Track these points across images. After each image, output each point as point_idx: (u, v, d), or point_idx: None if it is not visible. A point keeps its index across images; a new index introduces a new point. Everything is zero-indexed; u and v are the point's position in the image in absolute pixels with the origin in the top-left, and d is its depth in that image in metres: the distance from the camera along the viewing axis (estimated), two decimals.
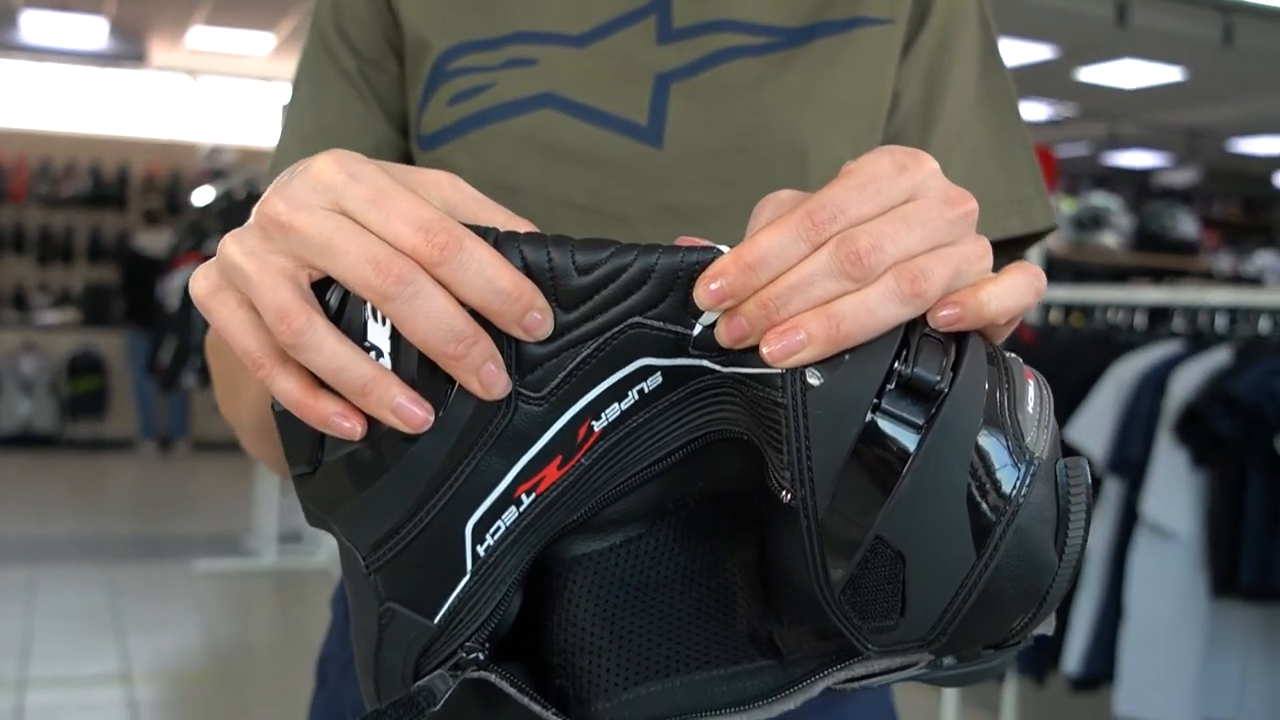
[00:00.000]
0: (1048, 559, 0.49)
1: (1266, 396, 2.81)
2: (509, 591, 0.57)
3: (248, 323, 0.54)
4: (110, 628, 5.06)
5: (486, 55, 0.83)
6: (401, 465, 0.53)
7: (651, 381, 0.54)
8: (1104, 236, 6.47)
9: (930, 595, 0.49)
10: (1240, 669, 3.13)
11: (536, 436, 0.54)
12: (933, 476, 0.48)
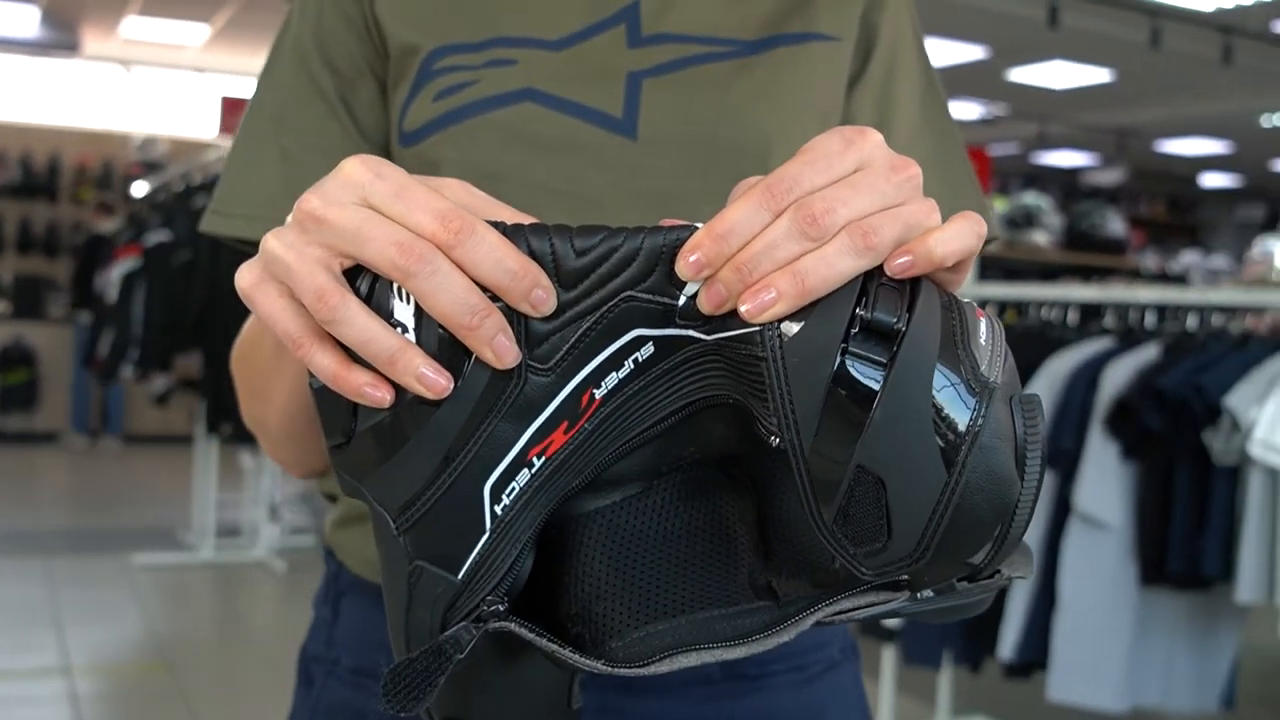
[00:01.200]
0: (1010, 474, 0.55)
1: (1193, 392, 2.91)
2: (524, 549, 0.62)
3: (288, 308, 0.59)
4: (49, 620, 5.04)
5: (469, 56, 0.88)
6: (424, 431, 0.59)
7: (645, 351, 0.60)
8: (1035, 235, 6.59)
9: (911, 514, 0.55)
10: (1167, 655, 3.24)
11: (545, 404, 0.60)
12: (900, 406, 0.54)
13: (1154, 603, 3.17)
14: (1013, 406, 0.55)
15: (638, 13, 0.90)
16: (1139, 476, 3.10)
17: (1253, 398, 2.84)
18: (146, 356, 5.94)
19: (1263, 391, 2.84)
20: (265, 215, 0.90)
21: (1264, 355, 2.99)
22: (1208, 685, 3.30)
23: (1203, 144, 14.66)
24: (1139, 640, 3.18)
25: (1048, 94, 12.09)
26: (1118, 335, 3.35)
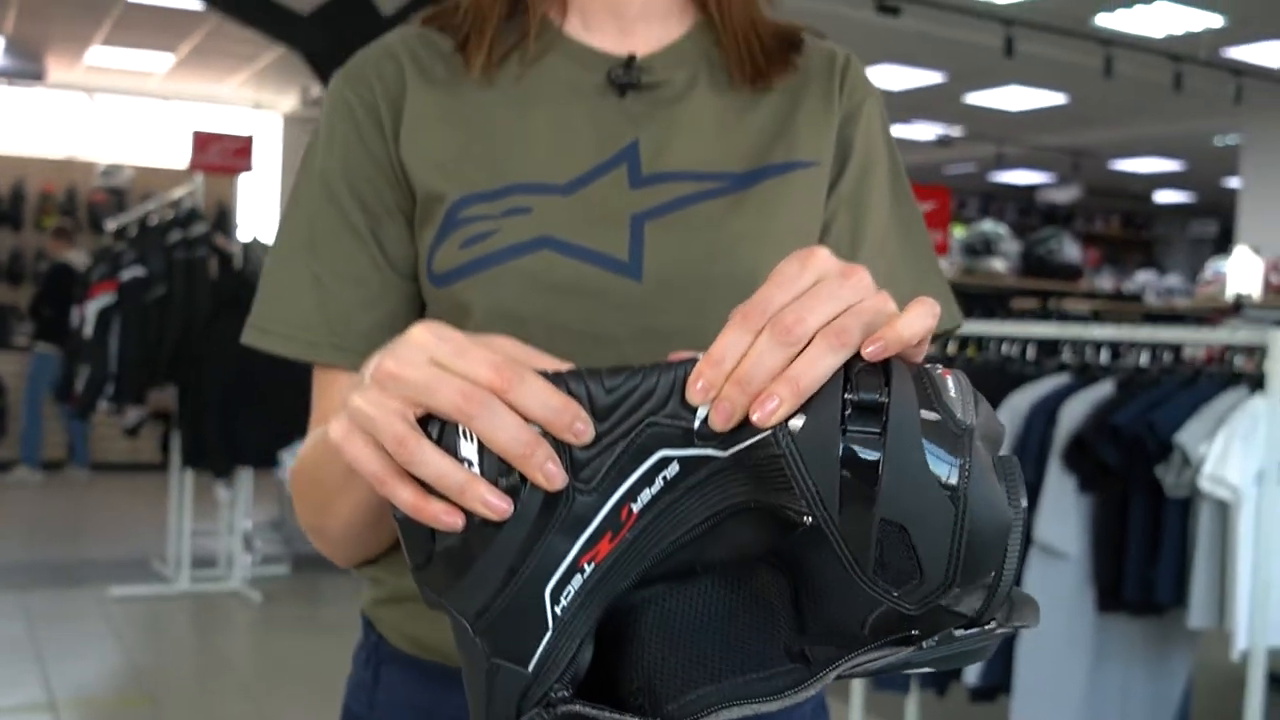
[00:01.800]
0: (1002, 499, 0.67)
1: (1146, 428, 3.05)
2: (584, 641, 0.74)
3: (374, 455, 0.71)
4: (31, 655, 5.10)
5: (490, 205, 0.99)
6: (492, 549, 0.71)
7: (671, 469, 0.72)
8: (993, 261, 6.75)
9: (934, 548, 0.66)
10: (1124, 678, 3.37)
11: (591, 519, 0.72)
12: (901, 463, 0.66)
13: (1110, 629, 3.31)
14: (993, 446, 0.69)
15: (637, 152, 1.01)
16: (1095, 508, 3.24)
17: (1202, 434, 2.98)
18: (122, 391, 6.01)
19: (1211, 428, 2.98)
20: (300, 336, 1.01)
21: (1213, 393, 3.13)
22: (1163, 707, 3.44)
23: (1156, 163, 14.90)
24: (1097, 664, 3.32)
25: (1004, 115, 12.30)
26: (1075, 371, 3.50)
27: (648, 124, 1.03)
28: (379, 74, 1.04)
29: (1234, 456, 2.92)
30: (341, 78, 1.06)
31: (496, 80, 1.04)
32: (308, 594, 6.53)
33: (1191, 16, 8.52)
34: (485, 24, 1.04)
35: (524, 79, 1.04)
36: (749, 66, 1.06)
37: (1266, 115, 10.49)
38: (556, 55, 1.05)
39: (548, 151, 1.01)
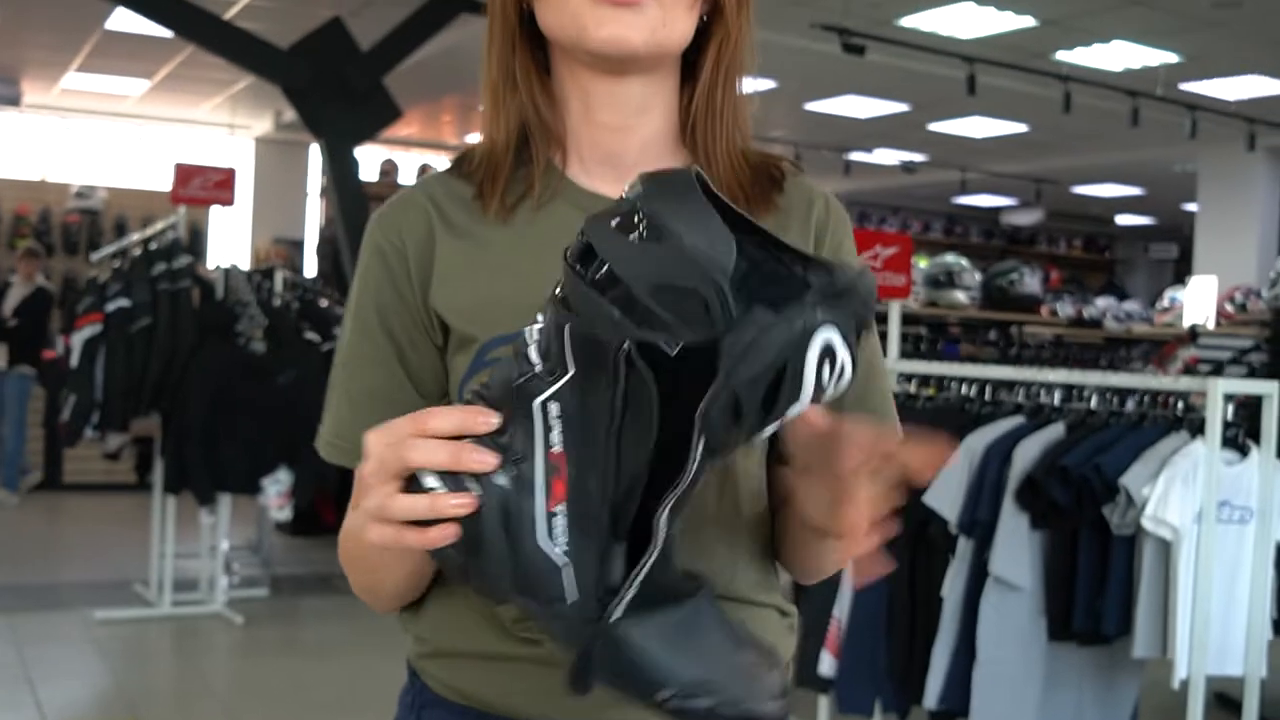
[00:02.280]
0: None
1: (1093, 470, 3.26)
2: (605, 560, 0.93)
3: (385, 529, 0.95)
4: (22, 678, 5.23)
5: (510, 347, 1.17)
6: (485, 535, 0.92)
7: (553, 407, 0.92)
8: (955, 293, 6.98)
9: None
10: (1075, 703, 3.58)
11: (534, 477, 0.92)
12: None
13: (1062, 656, 3.51)
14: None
15: None
16: (1047, 544, 3.45)
17: (1145, 477, 3.19)
18: (107, 419, 6.15)
19: (1154, 471, 3.19)
20: (337, 444, 1.23)
21: (1157, 437, 3.35)
22: None
23: (1116, 188, 15.20)
24: (1049, 690, 3.52)
25: (967, 143, 12.56)
26: (1028, 413, 3.70)
27: None
28: (408, 225, 1.22)
29: (1174, 498, 3.13)
30: (376, 223, 1.25)
31: (511, 221, 1.20)
32: (288, 615, 6.68)
33: (1148, 54, 8.79)
34: (498, 172, 1.21)
35: (535, 222, 1.20)
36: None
37: (1222, 146, 10.77)
38: (562, 200, 1.21)
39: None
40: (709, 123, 1.23)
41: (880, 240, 4.35)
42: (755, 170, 1.25)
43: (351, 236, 7.94)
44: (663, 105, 1.23)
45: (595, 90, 1.20)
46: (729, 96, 1.23)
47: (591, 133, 1.22)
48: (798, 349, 0.82)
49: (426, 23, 7.82)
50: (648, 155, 1.23)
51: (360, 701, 5.14)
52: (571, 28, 1.15)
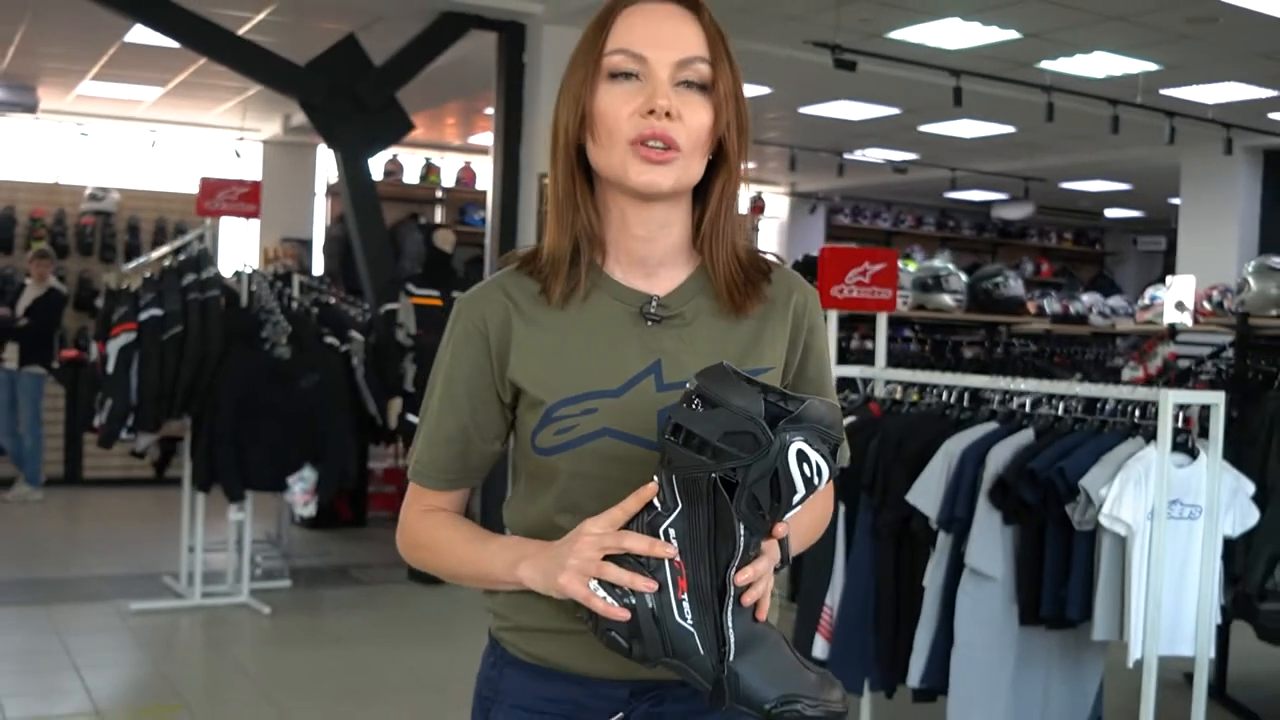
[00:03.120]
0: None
1: (1057, 473, 3.64)
2: (720, 628, 1.43)
3: (585, 592, 1.42)
4: (68, 666, 5.60)
5: (573, 407, 1.57)
6: (642, 625, 1.40)
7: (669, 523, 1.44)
8: (943, 296, 7.33)
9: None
10: (1044, 681, 3.95)
11: (665, 576, 1.41)
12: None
13: (1031, 639, 3.89)
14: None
15: (660, 368, 1.58)
16: (1017, 539, 3.83)
17: (1102, 479, 3.57)
18: (141, 422, 6.51)
19: (1110, 474, 3.57)
20: (419, 469, 1.69)
21: (1115, 442, 3.72)
22: (1079, 704, 4.02)
23: (1104, 184, 15.55)
24: (1020, 669, 3.89)
25: (957, 142, 12.90)
26: (1002, 419, 4.08)
27: (668, 345, 1.59)
28: (490, 310, 1.63)
29: (1127, 499, 3.51)
30: (465, 302, 1.66)
31: (567, 307, 1.61)
32: (311, 605, 7.05)
33: (1128, 63, 9.15)
34: (559, 271, 1.61)
35: (585, 308, 1.61)
36: (732, 301, 1.63)
37: (1202, 147, 11.11)
38: (603, 292, 1.62)
39: (606, 366, 1.58)
40: (714, 236, 1.63)
41: (869, 257, 4.72)
42: (748, 268, 1.65)
43: (366, 243, 8.28)
44: (680, 221, 1.63)
45: (630, 211, 1.60)
46: (730, 216, 1.63)
47: (626, 241, 1.62)
48: (781, 456, 1.33)
49: (437, 39, 8.15)
50: (668, 259, 1.64)
51: (385, 684, 5.53)
52: (618, 169, 1.55)
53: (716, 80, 1.56)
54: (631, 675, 1.55)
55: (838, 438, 1.37)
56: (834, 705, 1.43)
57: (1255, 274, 6.09)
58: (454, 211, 14.34)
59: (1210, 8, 7.68)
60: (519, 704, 1.62)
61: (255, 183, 7.23)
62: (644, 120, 1.52)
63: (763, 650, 1.43)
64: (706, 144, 1.56)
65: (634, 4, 1.58)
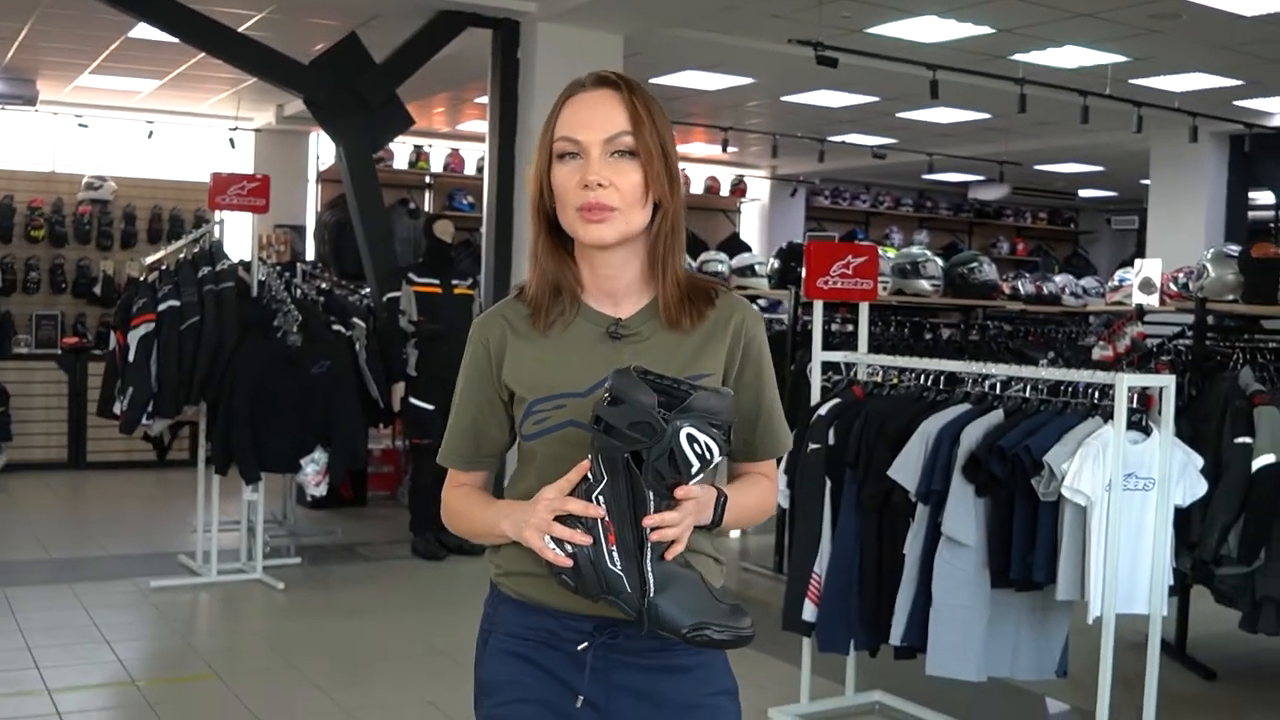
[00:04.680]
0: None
1: (1024, 450, 4.03)
2: (641, 570, 1.82)
3: (540, 543, 1.83)
4: (100, 639, 5.94)
5: (547, 404, 1.98)
6: (582, 568, 1.81)
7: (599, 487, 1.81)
8: (920, 282, 7.71)
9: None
10: (1014, 638, 4.35)
11: (600, 534, 1.81)
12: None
13: (1002, 600, 4.28)
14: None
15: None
16: (988, 509, 4.22)
17: (1064, 455, 3.95)
18: (160, 408, 6.84)
19: (1072, 450, 3.95)
20: (446, 455, 2.13)
21: (1076, 422, 4.11)
22: (1045, 660, 4.41)
23: (1077, 166, 15.93)
24: (992, 628, 4.29)
25: (934, 127, 13.27)
26: (974, 400, 4.46)
27: (627, 357, 1.98)
28: (492, 332, 2.07)
29: (1087, 472, 3.89)
30: (477, 326, 2.10)
31: (550, 332, 2.02)
32: (321, 581, 7.40)
33: (1098, 55, 9.53)
34: (541, 304, 2.03)
35: (566, 331, 2.02)
36: (675, 320, 2.02)
37: (1171, 132, 11.50)
38: (582, 318, 2.03)
39: (577, 374, 1.99)
40: (659, 266, 2.03)
41: (852, 251, 5.09)
42: (695, 290, 2.05)
43: (369, 235, 8.61)
44: (638, 258, 2.04)
45: (595, 257, 2.02)
46: (671, 249, 2.03)
47: (596, 279, 2.04)
48: (674, 438, 1.73)
49: (435, 36, 8.47)
50: (630, 289, 2.05)
51: (399, 651, 5.90)
52: (571, 229, 1.99)
53: (639, 146, 1.94)
54: (594, 612, 1.93)
55: (726, 420, 1.77)
56: (742, 630, 1.79)
57: (1213, 261, 6.48)
58: (442, 197, 14.66)
59: (1173, 4, 8.05)
60: (510, 632, 2.04)
61: (264, 177, 7.55)
62: (583, 192, 1.92)
63: (680, 588, 1.80)
64: (641, 197, 1.96)
65: (572, 96, 1.98)
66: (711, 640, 1.79)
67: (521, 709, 2.00)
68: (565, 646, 1.99)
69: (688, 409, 1.74)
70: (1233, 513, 5.00)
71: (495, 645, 2.06)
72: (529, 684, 2.00)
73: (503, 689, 2.02)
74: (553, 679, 1.99)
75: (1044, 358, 8.48)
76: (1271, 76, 10.27)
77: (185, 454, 9.49)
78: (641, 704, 1.99)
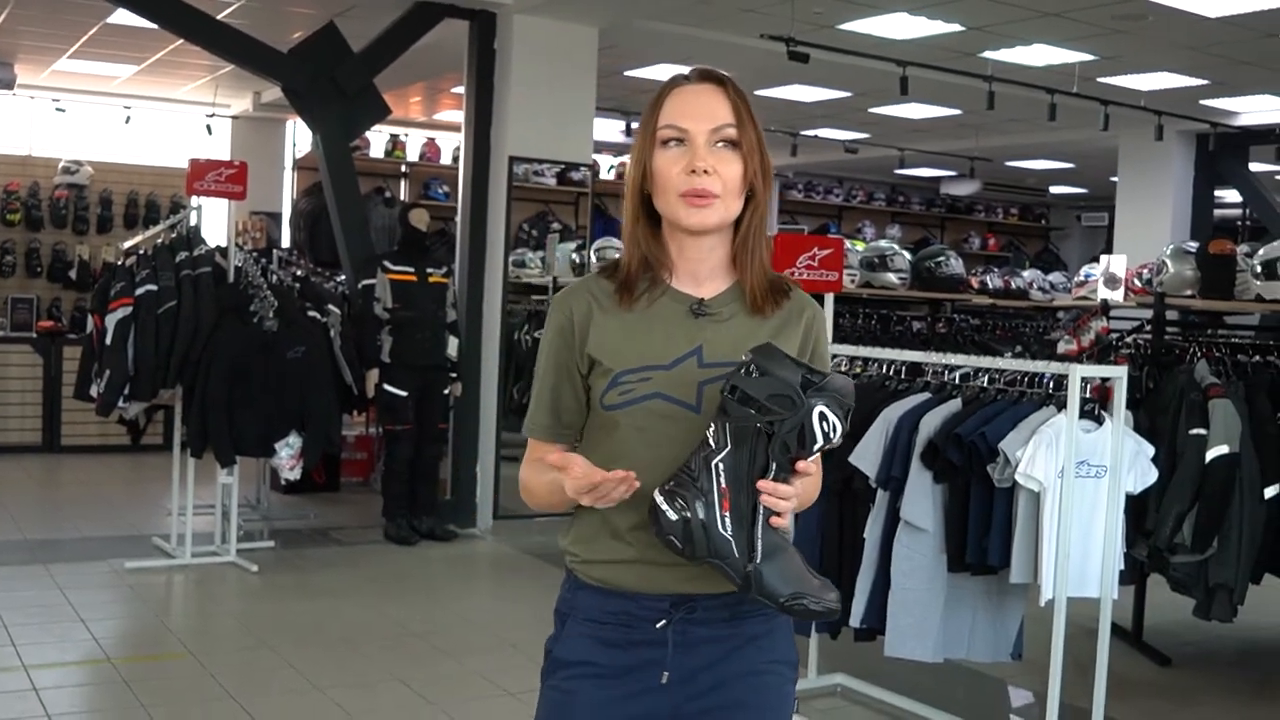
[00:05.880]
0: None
1: (980, 437, 4.16)
2: (752, 537, 1.90)
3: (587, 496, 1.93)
4: (75, 618, 6.02)
5: (633, 375, 2.06)
6: (694, 532, 1.93)
7: (719, 457, 1.91)
8: (888, 275, 7.85)
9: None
10: (970, 621, 4.48)
11: (715, 499, 1.93)
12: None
13: (959, 584, 4.41)
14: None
15: (701, 350, 2.07)
16: (946, 495, 4.35)
17: (1019, 443, 4.08)
18: (137, 391, 6.92)
19: (1026, 438, 4.08)
20: (530, 426, 2.19)
21: (1031, 410, 4.24)
22: (1001, 642, 4.54)
23: (1048, 163, 16.11)
24: (949, 610, 4.42)
25: (906, 122, 13.42)
26: (934, 390, 4.59)
27: (709, 335, 2.09)
28: (576, 304, 2.15)
29: (1040, 459, 4.02)
30: (559, 299, 2.19)
31: (635, 308, 2.12)
32: (295, 564, 7.49)
33: (1066, 54, 9.68)
34: (632, 281, 2.12)
35: (650, 309, 2.11)
36: (758, 305, 2.12)
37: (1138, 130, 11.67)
38: (666, 297, 2.12)
39: (661, 347, 2.08)
40: (746, 256, 2.13)
41: (818, 244, 5.20)
42: (772, 284, 2.15)
43: (345, 222, 8.69)
44: (723, 245, 2.14)
45: (685, 241, 2.12)
46: (759, 240, 2.14)
47: (683, 261, 2.14)
48: (807, 416, 1.82)
49: (412, 27, 8.56)
50: (714, 273, 2.15)
51: (374, 632, 6.00)
52: (672, 213, 2.08)
53: (741, 139, 2.06)
54: (670, 590, 2.04)
55: (850, 404, 1.87)
56: (831, 603, 1.90)
57: (1172, 257, 6.63)
58: (418, 185, 14.73)
59: (1140, 5, 8.20)
60: (589, 617, 2.12)
61: (242, 163, 7.62)
62: (688, 177, 2.02)
63: (781, 558, 1.89)
64: (740, 188, 2.07)
65: (677, 87, 2.09)
66: (807, 610, 1.89)
67: (592, 684, 2.09)
68: (643, 626, 2.07)
69: (824, 388, 1.83)
70: (1187, 502, 5.13)
71: (573, 628, 2.14)
72: (604, 664, 2.09)
73: (577, 665, 2.12)
74: (634, 659, 2.08)
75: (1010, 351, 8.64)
76: (1236, 76, 10.46)
77: (159, 438, 9.54)
78: (710, 673, 2.09)
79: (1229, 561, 5.16)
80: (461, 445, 8.66)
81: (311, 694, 5.09)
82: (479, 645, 5.95)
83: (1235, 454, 5.06)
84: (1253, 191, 13.23)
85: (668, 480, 1.94)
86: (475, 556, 8.12)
